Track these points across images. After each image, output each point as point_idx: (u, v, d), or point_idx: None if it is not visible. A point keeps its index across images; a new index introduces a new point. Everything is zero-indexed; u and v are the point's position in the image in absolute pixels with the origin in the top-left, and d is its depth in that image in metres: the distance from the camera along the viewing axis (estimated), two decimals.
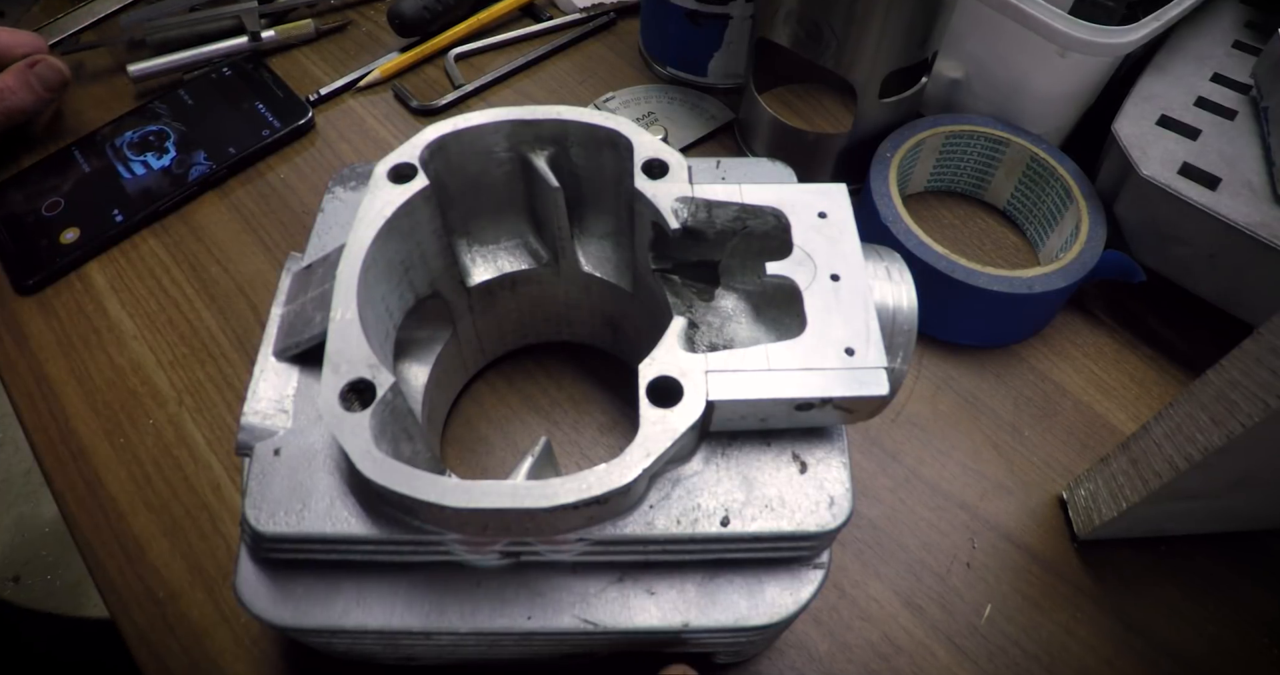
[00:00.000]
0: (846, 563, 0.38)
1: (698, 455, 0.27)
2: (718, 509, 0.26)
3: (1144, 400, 0.44)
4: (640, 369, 0.26)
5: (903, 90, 0.47)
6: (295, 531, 0.26)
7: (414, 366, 0.36)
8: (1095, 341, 0.46)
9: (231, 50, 0.58)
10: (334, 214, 0.35)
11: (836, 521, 0.26)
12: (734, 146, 0.54)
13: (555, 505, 0.23)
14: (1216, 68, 0.47)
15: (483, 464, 0.40)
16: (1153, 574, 0.39)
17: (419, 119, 0.56)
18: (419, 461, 0.28)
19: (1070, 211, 0.45)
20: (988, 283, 0.41)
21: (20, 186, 0.52)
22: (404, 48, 0.59)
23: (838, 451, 0.28)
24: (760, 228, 0.31)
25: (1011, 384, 0.44)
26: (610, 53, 0.61)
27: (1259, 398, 0.28)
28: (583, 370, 0.43)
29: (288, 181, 0.53)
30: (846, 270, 0.28)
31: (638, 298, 0.36)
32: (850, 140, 0.48)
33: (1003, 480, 0.41)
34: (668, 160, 0.31)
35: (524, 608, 0.27)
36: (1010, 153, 0.48)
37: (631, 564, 0.28)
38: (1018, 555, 0.39)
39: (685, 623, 0.27)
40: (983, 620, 0.37)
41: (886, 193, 0.45)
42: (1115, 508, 0.36)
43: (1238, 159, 0.42)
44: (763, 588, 0.28)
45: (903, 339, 0.29)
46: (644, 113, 0.56)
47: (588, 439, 0.41)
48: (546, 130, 0.32)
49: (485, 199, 0.35)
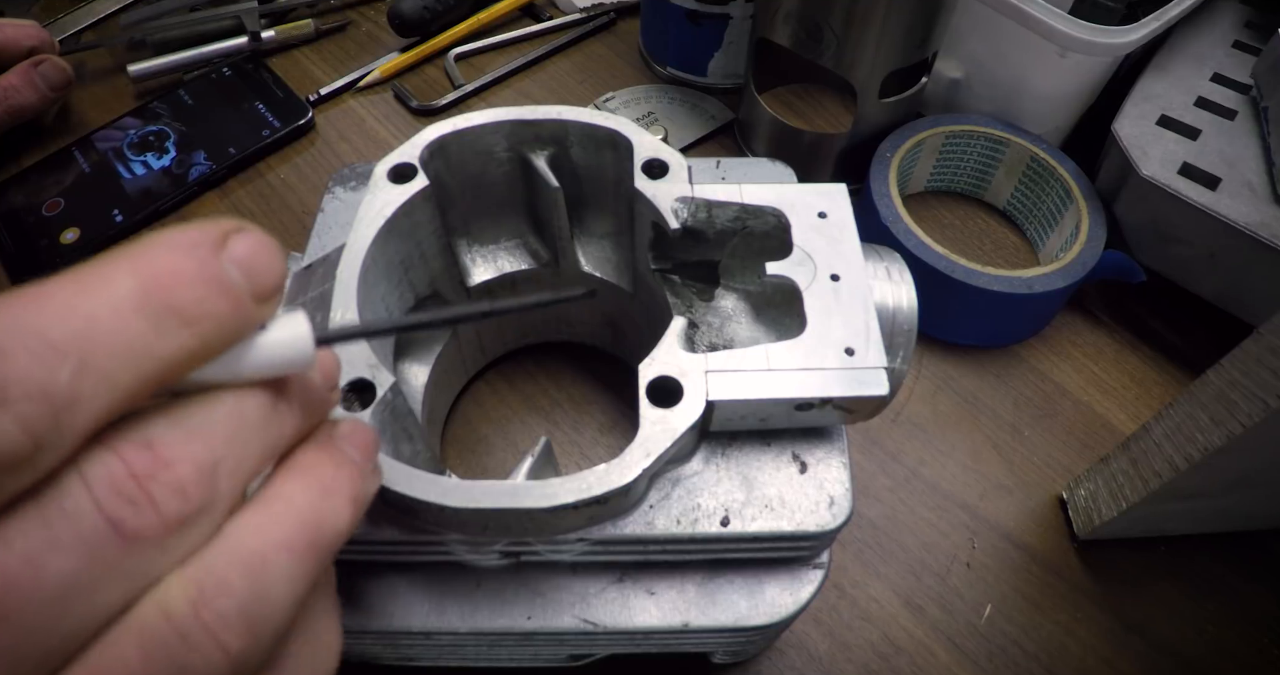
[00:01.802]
0: (846, 563, 0.38)
1: (698, 455, 0.27)
2: (718, 509, 0.26)
3: (1144, 400, 0.44)
4: (640, 369, 0.26)
5: (903, 90, 0.47)
6: None
7: (414, 366, 0.36)
8: (1095, 341, 0.46)
9: (231, 50, 0.58)
10: (334, 214, 0.35)
11: (836, 521, 0.26)
12: (734, 146, 0.54)
13: (555, 505, 0.23)
14: (1216, 68, 0.47)
15: (483, 464, 0.40)
16: (1152, 574, 0.39)
17: (419, 119, 0.56)
18: (419, 461, 0.28)
19: (1070, 211, 0.45)
20: (988, 283, 0.41)
21: (20, 186, 0.52)
22: (404, 48, 0.59)
23: (838, 451, 0.28)
24: (760, 228, 0.31)
25: (1011, 384, 0.44)
26: (610, 53, 0.61)
27: (1259, 398, 0.28)
28: (583, 370, 0.43)
29: (288, 181, 0.53)
30: (846, 270, 0.28)
31: (638, 298, 0.36)
32: (850, 140, 0.48)
33: (1003, 480, 0.41)
34: (668, 160, 0.31)
35: (524, 608, 0.27)
36: (1010, 153, 0.48)
37: (631, 564, 0.28)
38: (1018, 555, 0.39)
39: (685, 623, 0.27)
40: (983, 620, 0.37)
41: (886, 193, 0.45)
42: (1115, 508, 0.36)
43: (1238, 159, 0.42)
44: (763, 588, 0.28)
45: (903, 339, 0.29)
46: (644, 113, 0.56)
47: (588, 439, 0.41)
48: (546, 130, 0.32)
49: (485, 199, 0.35)
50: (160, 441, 0.13)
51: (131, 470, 0.13)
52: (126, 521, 0.12)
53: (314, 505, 0.15)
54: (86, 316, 0.12)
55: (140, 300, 0.13)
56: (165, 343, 0.13)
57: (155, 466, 0.13)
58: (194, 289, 0.13)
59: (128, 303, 0.13)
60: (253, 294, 0.14)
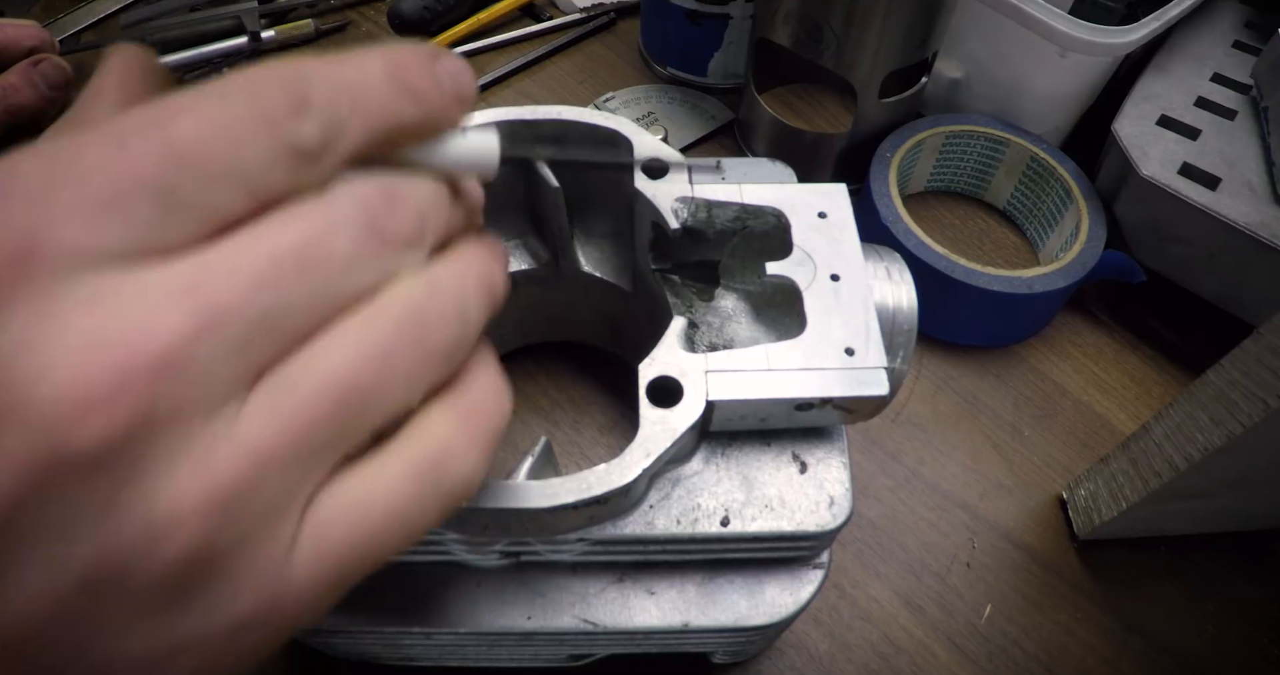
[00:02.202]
0: (846, 563, 0.38)
1: (698, 455, 0.27)
2: (718, 509, 0.26)
3: (1144, 400, 0.44)
4: (640, 369, 0.26)
5: (903, 90, 0.47)
6: None
7: None
8: (1095, 341, 0.46)
9: (231, 50, 0.58)
10: None
11: (836, 521, 0.26)
12: (734, 146, 0.54)
13: (555, 505, 0.23)
14: (1216, 68, 0.47)
15: None
16: (1152, 574, 0.39)
17: None
18: None
19: (1070, 211, 0.45)
20: (988, 283, 0.41)
21: None
22: None
23: (838, 451, 0.28)
24: (760, 228, 0.31)
25: (1011, 384, 0.44)
26: (610, 53, 0.61)
27: (1259, 398, 0.28)
28: (583, 370, 0.43)
29: None
30: (846, 270, 0.28)
31: (638, 298, 0.36)
32: (850, 140, 0.48)
33: (1003, 480, 0.41)
34: (668, 160, 0.31)
35: (524, 608, 0.27)
36: (1010, 153, 0.48)
37: (631, 564, 0.28)
38: (1018, 555, 0.39)
39: (685, 623, 0.27)
40: (983, 620, 0.37)
41: (886, 193, 0.45)
42: (1115, 508, 0.36)
43: (1238, 159, 0.42)
44: (762, 588, 0.28)
45: (903, 339, 0.29)
46: (644, 113, 0.56)
47: (588, 439, 0.41)
48: (546, 130, 0.32)
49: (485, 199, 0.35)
50: (394, 185, 0.17)
51: (380, 194, 0.17)
52: (380, 224, 0.16)
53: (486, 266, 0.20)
54: (357, 71, 0.17)
55: (389, 74, 0.17)
56: (403, 108, 0.17)
57: (396, 197, 0.17)
58: (423, 78, 0.17)
59: (382, 73, 0.17)
60: (456, 96, 0.18)
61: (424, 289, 0.17)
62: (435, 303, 0.17)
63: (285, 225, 0.15)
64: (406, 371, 0.17)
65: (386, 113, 0.17)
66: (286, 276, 0.15)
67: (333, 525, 0.16)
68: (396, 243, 0.17)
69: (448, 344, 0.18)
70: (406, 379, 0.17)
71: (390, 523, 0.17)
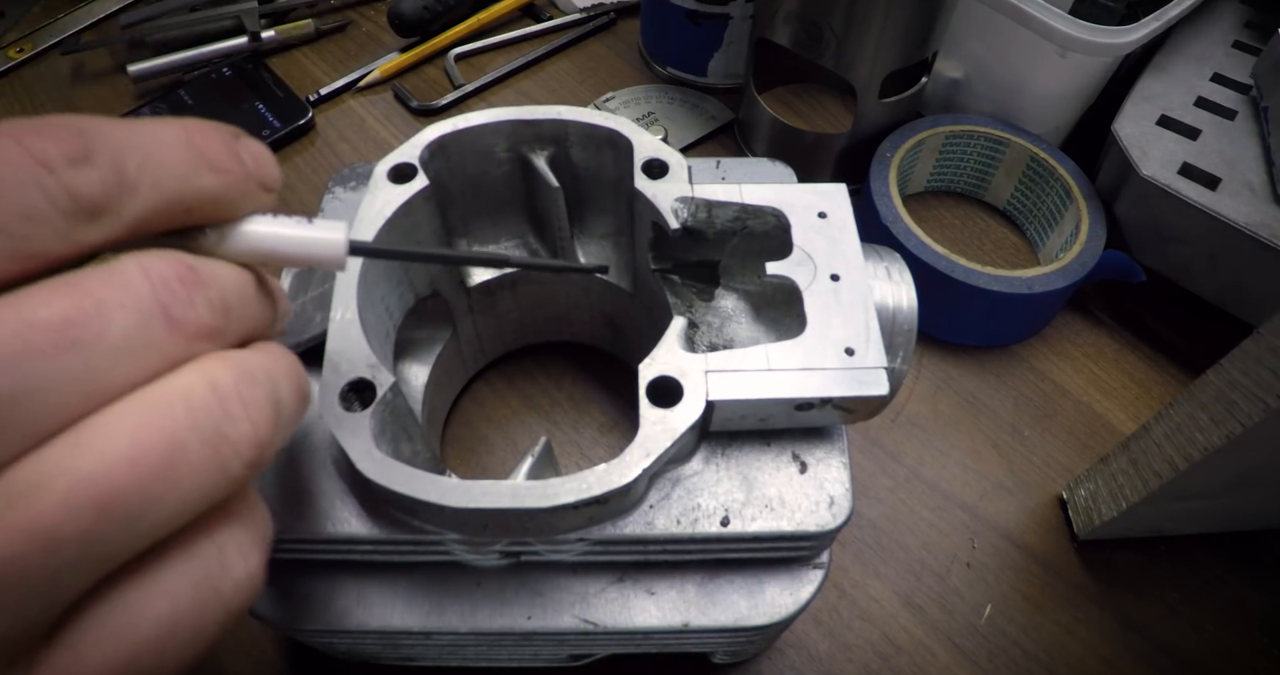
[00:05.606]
0: (846, 563, 0.38)
1: (698, 455, 0.27)
2: (718, 509, 0.26)
3: (1144, 400, 0.44)
4: (640, 369, 0.26)
5: (903, 90, 0.47)
6: (296, 532, 0.26)
7: (414, 366, 0.36)
8: (1095, 341, 0.46)
9: (231, 50, 0.58)
10: (334, 214, 0.35)
11: (836, 521, 0.26)
12: (734, 146, 0.54)
13: (555, 505, 0.23)
14: (1216, 68, 0.47)
15: (483, 464, 0.40)
16: (1152, 574, 0.39)
17: (419, 119, 0.56)
18: (419, 461, 0.28)
19: (1070, 211, 0.45)
20: (988, 283, 0.41)
21: None
22: (404, 48, 0.59)
23: (838, 451, 0.28)
24: (760, 228, 0.31)
25: (1011, 384, 0.44)
26: (610, 53, 0.61)
27: (1259, 398, 0.28)
28: (583, 370, 0.43)
29: (287, 181, 0.53)
30: (846, 270, 0.28)
31: (638, 298, 0.36)
32: (850, 140, 0.48)
33: (1003, 480, 0.41)
34: (668, 160, 0.31)
35: (524, 608, 0.27)
36: (1010, 153, 0.48)
37: (631, 564, 0.28)
38: (1018, 555, 0.39)
39: (685, 623, 0.27)
40: (983, 620, 0.37)
41: (886, 193, 0.45)
42: (1115, 508, 0.36)
43: (1238, 159, 0.42)
44: (762, 588, 0.28)
45: (903, 339, 0.29)
46: (644, 113, 0.56)
47: (588, 439, 0.41)
48: (546, 130, 0.32)
49: (485, 199, 0.35)
50: (198, 266, 0.16)
51: (179, 274, 0.15)
52: (173, 309, 0.15)
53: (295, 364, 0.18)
54: (149, 133, 0.15)
55: (185, 142, 0.16)
56: (200, 177, 0.16)
57: (196, 280, 0.15)
58: (221, 149, 0.16)
59: (176, 140, 0.16)
60: (259, 176, 0.17)
61: (231, 371, 0.15)
62: (244, 388, 0.15)
63: (51, 294, 0.13)
64: (198, 471, 0.14)
65: (180, 177, 0.15)
66: (38, 355, 0.13)
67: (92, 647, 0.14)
68: (191, 332, 0.15)
69: (258, 436, 0.15)
70: (197, 480, 0.14)
71: (164, 640, 0.15)
